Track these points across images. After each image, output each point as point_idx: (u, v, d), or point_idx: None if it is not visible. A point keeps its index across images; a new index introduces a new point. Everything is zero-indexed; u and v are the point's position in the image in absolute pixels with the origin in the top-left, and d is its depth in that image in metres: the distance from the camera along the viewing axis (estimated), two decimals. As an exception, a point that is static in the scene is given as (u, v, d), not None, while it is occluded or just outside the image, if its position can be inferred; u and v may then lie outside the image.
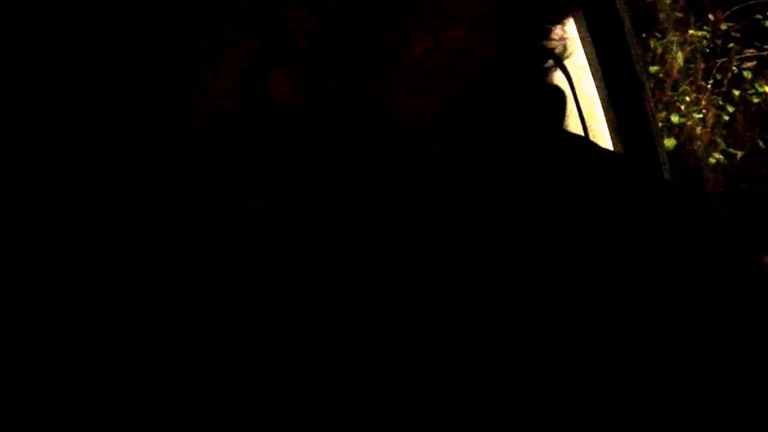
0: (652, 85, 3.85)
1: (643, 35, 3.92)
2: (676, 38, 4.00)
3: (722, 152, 3.99)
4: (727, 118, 4.04)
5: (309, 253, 0.45)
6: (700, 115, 4.00)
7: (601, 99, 1.27)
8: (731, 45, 4.08)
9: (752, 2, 4.03)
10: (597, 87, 1.26)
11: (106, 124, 0.48)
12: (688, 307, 0.47)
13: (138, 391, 0.45)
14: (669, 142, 3.81)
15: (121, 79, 0.46)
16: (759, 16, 4.07)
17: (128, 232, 0.47)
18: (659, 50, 3.99)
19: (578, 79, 1.23)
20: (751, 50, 4.09)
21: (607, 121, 1.29)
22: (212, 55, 0.41)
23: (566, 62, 0.53)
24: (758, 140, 4.01)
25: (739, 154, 3.99)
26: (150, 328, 0.46)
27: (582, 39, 1.21)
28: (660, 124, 3.57)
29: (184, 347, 0.45)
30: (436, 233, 0.47)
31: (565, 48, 0.51)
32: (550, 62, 0.51)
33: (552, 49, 0.50)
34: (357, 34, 0.40)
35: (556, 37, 0.50)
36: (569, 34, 0.50)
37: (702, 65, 4.05)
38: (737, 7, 4.05)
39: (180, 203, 0.47)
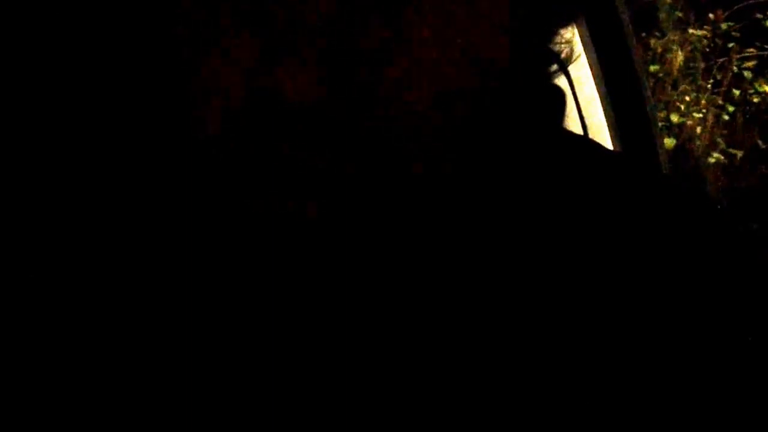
0: (652, 85, 3.85)
1: (643, 34, 3.92)
2: (676, 38, 4.00)
3: (722, 152, 3.99)
4: (727, 117, 4.03)
5: (309, 253, 0.45)
6: (700, 115, 4.00)
7: (601, 98, 1.27)
8: (731, 44, 4.08)
9: (752, 2, 4.03)
10: (597, 86, 1.26)
11: (106, 124, 0.48)
12: (689, 305, 0.47)
13: (138, 391, 0.45)
14: (669, 142, 3.80)
15: (121, 77, 0.46)
16: (759, 16, 4.07)
17: (129, 232, 0.47)
18: (659, 49, 3.99)
19: (578, 78, 1.23)
20: (752, 50, 4.09)
21: (607, 120, 1.29)
22: (215, 49, 0.41)
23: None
24: (758, 140, 4.01)
25: (739, 153, 3.99)
26: (151, 328, 0.45)
27: (582, 38, 1.21)
28: (660, 124, 3.57)
29: (185, 348, 0.45)
30: (437, 233, 0.47)
31: (571, 51, 0.51)
32: (555, 66, 0.51)
33: (557, 53, 0.50)
34: (372, 27, 0.40)
35: (562, 41, 0.50)
36: (575, 37, 0.50)
37: (702, 65, 4.05)
38: (737, 6, 4.04)
39: (180, 203, 0.47)
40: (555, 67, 0.51)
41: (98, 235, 0.47)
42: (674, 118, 3.96)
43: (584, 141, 0.57)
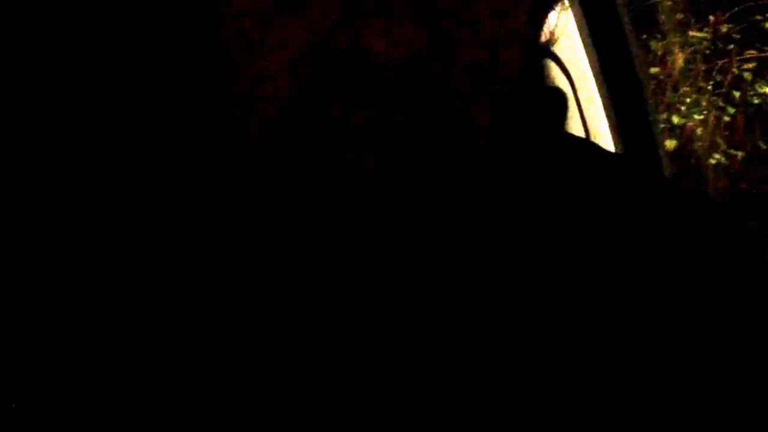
0: (653, 87, 3.85)
1: (644, 37, 3.92)
2: (676, 40, 4.00)
3: (723, 153, 3.99)
4: (727, 119, 4.03)
5: (309, 252, 0.45)
6: (701, 116, 4.00)
7: (602, 99, 1.27)
8: (731, 46, 4.08)
9: (752, 3, 4.03)
10: (598, 88, 1.26)
11: (109, 124, 0.48)
12: (690, 306, 0.47)
13: (138, 391, 0.45)
14: (670, 143, 3.81)
15: (128, 75, 0.46)
16: (759, 18, 4.07)
17: (129, 231, 0.47)
18: (660, 52, 3.99)
19: (579, 81, 1.23)
20: (752, 52, 4.09)
21: (608, 122, 1.29)
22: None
23: (567, 63, 0.53)
24: (759, 141, 4.01)
25: (740, 154, 3.99)
26: (150, 328, 0.45)
27: (584, 40, 1.21)
28: (661, 126, 3.57)
29: (185, 348, 0.45)
30: (438, 234, 0.47)
31: (551, 35, 0.51)
32: (540, 52, 0.51)
33: (536, 39, 0.50)
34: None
35: (543, 28, 0.50)
36: (553, 19, 0.50)
37: (702, 66, 4.05)
38: (737, 8, 4.04)
39: (181, 202, 0.47)
40: (541, 52, 0.50)
41: (99, 234, 0.47)
42: (675, 119, 3.96)
43: (586, 143, 0.57)
